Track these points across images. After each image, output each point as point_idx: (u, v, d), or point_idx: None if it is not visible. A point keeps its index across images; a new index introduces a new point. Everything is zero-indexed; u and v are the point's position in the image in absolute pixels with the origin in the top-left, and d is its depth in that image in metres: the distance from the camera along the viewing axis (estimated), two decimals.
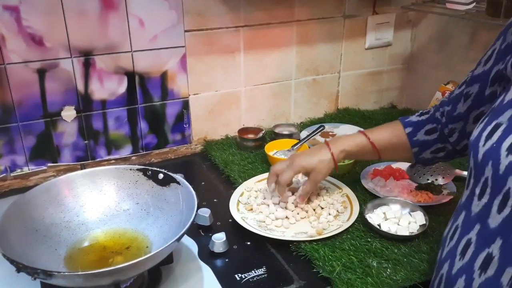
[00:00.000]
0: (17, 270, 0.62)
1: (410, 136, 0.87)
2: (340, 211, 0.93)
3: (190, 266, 0.80)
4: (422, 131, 0.87)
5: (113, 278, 0.65)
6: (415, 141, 0.87)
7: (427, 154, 0.88)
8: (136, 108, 1.15)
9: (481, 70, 0.74)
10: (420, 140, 0.87)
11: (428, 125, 0.86)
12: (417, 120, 0.88)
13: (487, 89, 0.73)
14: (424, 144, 0.87)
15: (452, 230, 0.65)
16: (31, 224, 0.75)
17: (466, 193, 0.64)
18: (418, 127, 0.87)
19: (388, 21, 1.40)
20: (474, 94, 0.76)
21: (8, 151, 1.05)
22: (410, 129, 0.88)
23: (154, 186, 0.84)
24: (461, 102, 0.80)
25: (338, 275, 0.76)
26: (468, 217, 0.61)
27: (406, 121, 0.89)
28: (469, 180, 0.63)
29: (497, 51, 0.70)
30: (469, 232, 0.60)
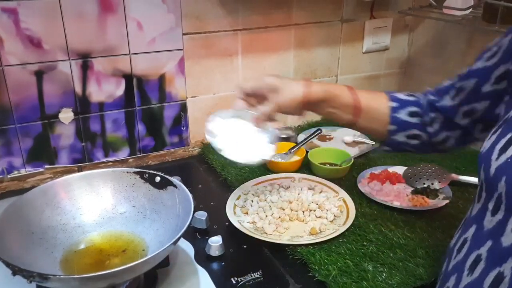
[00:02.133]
0: (13, 273, 0.62)
1: (393, 112, 0.81)
2: (336, 215, 0.93)
3: (186, 270, 0.80)
4: (406, 111, 0.81)
5: (109, 281, 0.65)
6: (396, 118, 0.81)
7: (401, 137, 0.82)
8: (133, 111, 1.15)
9: (481, 65, 0.71)
10: (401, 119, 0.81)
11: (413, 107, 0.82)
12: (404, 99, 0.83)
13: (485, 86, 0.70)
14: (403, 124, 0.81)
15: (460, 243, 0.62)
16: (28, 226, 0.75)
17: (478, 206, 0.61)
18: (403, 105, 0.82)
19: (385, 26, 1.40)
20: (468, 89, 0.73)
21: (5, 153, 1.05)
22: (395, 104, 0.82)
23: (151, 189, 0.84)
24: (449, 95, 0.77)
25: (334, 279, 0.77)
26: (480, 231, 0.59)
27: (392, 95, 0.83)
28: (480, 193, 0.61)
29: (505, 49, 0.67)
30: (480, 247, 0.57)
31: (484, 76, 0.70)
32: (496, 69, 0.68)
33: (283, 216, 0.93)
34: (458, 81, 0.76)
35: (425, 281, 0.77)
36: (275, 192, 1.01)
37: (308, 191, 1.01)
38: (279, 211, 0.94)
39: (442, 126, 0.79)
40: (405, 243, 0.86)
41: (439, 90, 0.80)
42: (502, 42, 0.68)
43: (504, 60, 0.67)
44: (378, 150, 0.88)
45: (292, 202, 0.97)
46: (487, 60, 0.70)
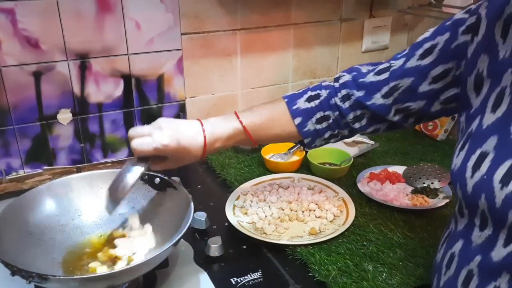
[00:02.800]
0: (12, 273, 0.61)
1: (300, 128, 0.79)
2: (336, 215, 0.93)
3: (185, 270, 0.80)
4: (313, 120, 0.78)
5: (108, 282, 0.64)
6: (306, 132, 0.79)
7: (319, 141, 0.82)
8: (132, 111, 1.14)
9: (415, 64, 0.68)
10: (311, 130, 0.79)
11: (319, 112, 0.78)
12: (306, 108, 0.79)
13: (423, 85, 0.68)
14: (316, 133, 0.80)
15: (448, 258, 0.62)
16: (26, 227, 0.75)
17: (463, 221, 0.61)
18: (308, 116, 0.79)
19: (384, 25, 1.40)
20: (404, 88, 0.70)
21: (4, 154, 1.04)
22: (299, 119, 0.78)
23: (150, 190, 0.83)
24: (379, 93, 0.73)
25: (334, 279, 0.76)
26: (468, 247, 0.58)
27: (293, 109, 0.79)
28: (461, 209, 0.60)
29: (441, 47, 0.65)
30: (469, 263, 0.57)
31: (420, 76, 0.68)
32: (433, 69, 0.66)
33: (283, 216, 0.93)
34: (390, 79, 0.72)
35: (426, 281, 0.77)
36: (274, 192, 1.00)
37: (308, 191, 1.01)
38: (279, 211, 0.94)
39: (369, 121, 0.77)
40: (405, 243, 0.86)
41: (363, 86, 0.75)
42: (437, 40, 0.66)
43: (441, 60, 0.65)
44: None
45: (291, 202, 0.97)
46: (421, 58, 0.68)
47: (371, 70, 0.76)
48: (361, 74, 0.77)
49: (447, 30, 0.65)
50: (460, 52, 0.63)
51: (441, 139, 1.29)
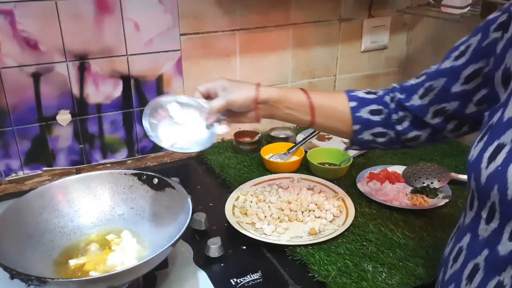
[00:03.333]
0: (11, 277, 0.61)
1: (354, 111, 0.80)
2: (335, 215, 0.93)
3: (185, 271, 0.80)
4: (367, 109, 0.80)
5: (108, 284, 0.64)
6: (358, 117, 0.80)
7: (367, 135, 0.81)
8: (131, 112, 1.14)
9: (449, 65, 0.70)
10: (363, 117, 0.80)
11: (374, 105, 0.80)
12: (363, 97, 0.82)
13: (455, 86, 0.69)
14: (366, 123, 0.80)
15: (456, 252, 0.62)
16: (25, 229, 0.75)
17: (471, 214, 0.61)
18: (363, 104, 0.81)
19: (384, 24, 1.40)
20: (438, 89, 0.72)
21: (3, 155, 1.04)
22: (354, 103, 0.81)
23: (149, 190, 0.83)
24: (417, 94, 0.75)
25: (334, 280, 0.76)
26: (475, 240, 0.58)
27: (351, 94, 0.82)
28: (472, 201, 0.60)
29: (474, 48, 0.66)
30: (476, 256, 0.57)
31: (453, 76, 0.69)
32: (465, 69, 0.68)
33: (282, 216, 0.93)
34: (426, 80, 0.74)
35: (425, 280, 0.77)
36: (274, 193, 1.00)
37: (307, 191, 1.01)
38: (278, 211, 0.94)
39: (411, 124, 0.78)
40: (404, 243, 0.85)
41: (405, 89, 0.78)
42: (471, 41, 0.67)
43: (473, 60, 0.67)
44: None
45: (291, 202, 0.96)
46: (455, 59, 0.69)
47: (416, 76, 0.78)
48: (406, 81, 0.80)
49: (480, 31, 0.66)
50: (490, 49, 0.64)
51: None
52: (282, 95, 0.81)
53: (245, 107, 0.80)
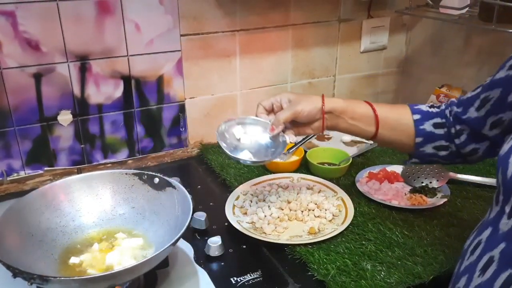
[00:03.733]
0: (13, 275, 0.62)
1: (417, 124, 0.81)
2: (335, 214, 0.94)
3: (185, 270, 0.80)
4: (431, 122, 0.81)
5: (109, 282, 0.65)
6: (421, 130, 0.81)
7: (429, 148, 0.82)
8: (132, 112, 1.15)
9: (504, 75, 0.69)
10: (427, 130, 0.81)
11: (437, 118, 0.81)
12: (427, 111, 0.82)
13: (511, 95, 0.68)
14: (430, 136, 0.81)
15: (474, 245, 0.62)
16: (27, 229, 0.75)
17: (496, 209, 0.61)
18: (427, 117, 0.81)
19: (383, 25, 1.41)
20: (494, 99, 0.71)
21: (5, 155, 1.05)
22: (418, 116, 0.82)
23: (149, 190, 0.84)
24: (473, 106, 0.75)
25: (333, 278, 0.77)
26: (495, 234, 0.58)
27: (415, 108, 0.83)
28: (498, 196, 0.60)
29: None
30: (493, 249, 0.57)
31: (508, 86, 0.68)
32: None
33: (282, 216, 0.93)
34: (481, 91, 0.74)
35: (424, 279, 0.78)
36: (274, 192, 1.01)
37: (307, 191, 1.01)
38: (278, 211, 0.95)
39: (469, 138, 0.77)
40: (403, 242, 0.86)
41: (462, 102, 0.79)
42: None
43: None
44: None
45: (291, 202, 0.97)
46: (510, 68, 0.68)
47: (472, 90, 0.78)
48: (465, 95, 0.79)
49: None
50: None
51: None
52: (348, 105, 0.82)
53: (311, 117, 0.81)
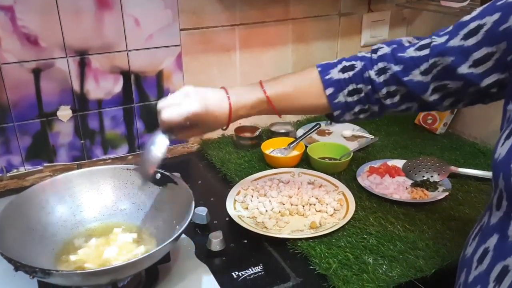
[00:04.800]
0: (15, 269, 0.62)
1: (331, 99, 0.77)
2: (336, 208, 0.94)
3: (187, 265, 0.80)
4: (345, 92, 0.76)
5: (111, 277, 0.65)
6: (337, 103, 0.77)
7: (349, 116, 0.79)
8: (132, 107, 1.15)
9: (457, 43, 0.64)
10: (342, 102, 0.77)
11: (352, 85, 0.76)
12: (339, 79, 0.77)
13: (462, 67, 0.64)
14: (346, 106, 0.77)
15: (481, 253, 0.58)
16: (28, 223, 0.75)
17: (498, 214, 0.57)
18: (341, 87, 0.76)
19: (383, 19, 1.40)
20: (443, 65, 0.67)
21: (4, 151, 1.05)
22: (331, 89, 0.76)
23: (151, 185, 0.84)
24: (419, 69, 0.69)
25: (335, 272, 0.77)
26: (504, 242, 0.55)
27: (326, 79, 0.77)
28: (499, 201, 0.57)
29: (488, 29, 0.61)
30: (506, 258, 0.54)
31: (461, 57, 0.64)
32: (475, 51, 0.63)
33: (283, 210, 0.93)
34: (430, 55, 0.68)
35: (425, 272, 0.78)
36: (274, 187, 1.01)
37: (308, 186, 1.01)
38: (279, 205, 0.95)
39: (402, 98, 0.73)
40: (405, 236, 0.86)
41: (402, 61, 0.71)
42: (485, 20, 0.61)
43: (486, 43, 0.61)
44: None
45: (292, 196, 0.97)
46: (464, 38, 0.64)
47: (412, 45, 0.72)
48: (401, 48, 0.72)
49: (497, 11, 0.60)
50: (508, 35, 0.59)
51: (440, 132, 1.29)
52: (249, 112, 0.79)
53: None
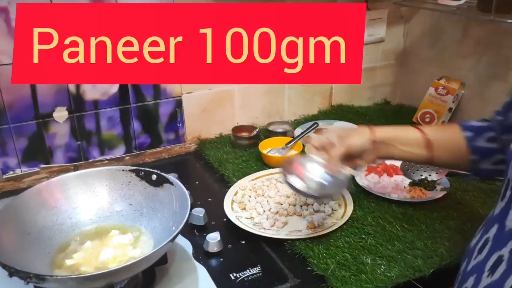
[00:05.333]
0: (9, 274, 0.61)
1: (469, 141, 0.77)
2: (334, 208, 0.93)
3: (184, 266, 0.80)
4: (484, 137, 0.77)
5: (107, 280, 0.65)
6: (475, 147, 0.77)
7: (486, 164, 0.77)
8: (128, 108, 1.14)
9: None
10: (480, 146, 0.77)
11: (490, 132, 0.77)
12: (478, 125, 0.79)
13: None
14: (485, 152, 0.77)
15: (482, 243, 0.60)
16: (23, 227, 0.75)
17: (501, 205, 0.59)
18: (479, 132, 0.77)
19: (380, 17, 1.40)
20: None
21: (0, 153, 1.04)
22: (469, 133, 0.78)
23: (147, 186, 0.83)
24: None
25: (333, 273, 0.77)
26: (501, 232, 0.57)
27: (464, 124, 0.80)
28: (505, 191, 0.58)
29: None
30: (501, 248, 0.55)
31: None
32: None
33: (281, 211, 0.93)
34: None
35: (424, 272, 0.77)
36: (272, 187, 1.00)
37: None
38: (277, 205, 0.94)
39: None
40: (403, 235, 0.86)
41: (503, 107, 0.74)
42: None
43: None
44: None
45: (289, 196, 0.97)
46: None
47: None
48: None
49: None
50: None
51: None
52: (397, 134, 0.81)
53: (363, 149, 0.80)
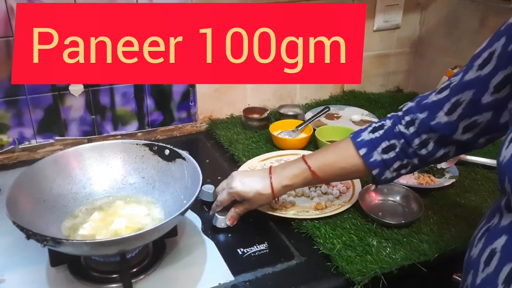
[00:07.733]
0: (27, 237, 0.63)
1: (366, 158, 0.78)
2: (342, 191, 0.94)
3: (193, 240, 0.82)
4: (379, 150, 0.77)
5: (119, 247, 0.67)
6: (373, 162, 0.77)
7: (389, 173, 0.78)
8: (143, 85, 1.15)
9: (474, 75, 0.66)
10: (378, 160, 0.77)
11: (384, 142, 0.77)
12: (370, 139, 0.78)
13: (485, 96, 0.65)
14: (383, 164, 0.77)
15: (487, 254, 0.57)
16: (40, 194, 0.77)
17: (510, 216, 0.57)
18: (373, 146, 0.77)
19: (397, 4, 1.38)
20: (466, 102, 0.67)
21: (16, 123, 1.06)
22: (364, 150, 0.78)
23: (160, 161, 0.85)
24: (442, 111, 0.70)
25: (338, 252, 0.78)
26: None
27: (358, 141, 0.79)
28: (508, 203, 0.56)
29: (499, 53, 0.62)
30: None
31: (481, 86, 0.65)
32: (493, 77, 0.64)
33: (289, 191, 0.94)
34: (451, 95, 0.70)
35: (429, 256, 0.78)
36: None
37: None
38: None
39: (437, 144, 0.73)
40: None
41: (425, 106, 0.73)
42: (494, 47, 0.64)
43: (501, 67, 0.63)
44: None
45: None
46: (480, 68, 0.65)
47: (433, 92, 0.74)
48: (424, 97, 0.75)
49: (502, 35, 0.63)
50: None
51: None
52: (294, 185, 0.83)
53: None
